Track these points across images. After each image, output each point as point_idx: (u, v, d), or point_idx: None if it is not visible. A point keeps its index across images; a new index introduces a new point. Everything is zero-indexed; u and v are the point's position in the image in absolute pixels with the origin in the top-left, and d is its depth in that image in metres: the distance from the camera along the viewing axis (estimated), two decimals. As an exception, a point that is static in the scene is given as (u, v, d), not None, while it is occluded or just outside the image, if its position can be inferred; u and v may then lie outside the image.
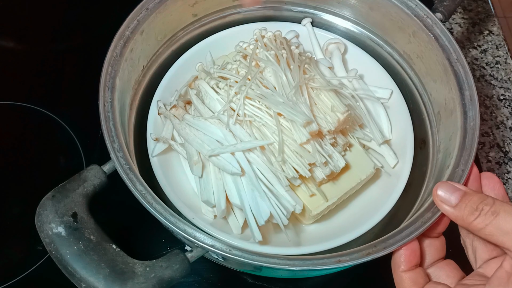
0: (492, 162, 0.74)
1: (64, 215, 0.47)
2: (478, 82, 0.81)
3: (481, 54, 0.84)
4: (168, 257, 0.48)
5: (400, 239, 0.48)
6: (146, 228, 0.66)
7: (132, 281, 0.45)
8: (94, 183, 0.50)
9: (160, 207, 0.48)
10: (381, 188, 0.61)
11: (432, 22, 0.60)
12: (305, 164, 0.55)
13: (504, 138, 0.76)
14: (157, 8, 0.60)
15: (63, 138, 0.72)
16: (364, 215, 0.58)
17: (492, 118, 0.78)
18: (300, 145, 0.55)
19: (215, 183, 0.56)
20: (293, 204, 0.54)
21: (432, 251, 0.51)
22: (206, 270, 0.64)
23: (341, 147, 0.59)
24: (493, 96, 0.80)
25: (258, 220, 0.53)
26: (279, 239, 0.57)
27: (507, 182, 0.73)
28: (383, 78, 0.67)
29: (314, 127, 0.55)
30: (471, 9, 0.89)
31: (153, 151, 0.59)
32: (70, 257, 0.46)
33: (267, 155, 0.55)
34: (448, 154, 0.56)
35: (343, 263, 0.46)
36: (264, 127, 0.56)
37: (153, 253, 0.64)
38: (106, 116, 0.53)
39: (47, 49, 0.82)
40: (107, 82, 0.55)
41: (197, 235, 0.47)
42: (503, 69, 0.83)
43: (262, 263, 0.46)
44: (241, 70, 0.59)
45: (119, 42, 0.57)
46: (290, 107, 0.55)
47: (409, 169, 0.60)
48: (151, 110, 0.63)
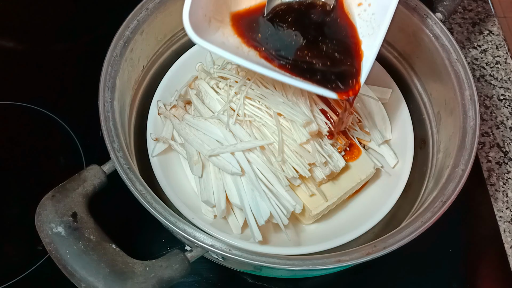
0: (492, 162, 0.74)
1: (64, 215, 0.47)
2: (478, 82, 0.81)
3: (481, 54, 0.84)
4: (168, 257, 0.48)
5: (400, 239, 0.48)
6: (146, 228, 0.66)
7: (132, 281, 0.45)
8: (94, 183, 0.50)
9: (160, 207, 0.48)
10: (381, 188, 0.61)
11: (432, 22, 0.60)
12: (305, 164, 0.55)
13: (504, 138, 0.76)
14: (157, 8, 0.60)
15: (63, 138, 0.72)
16: (364, 215, 0.58)
17: (492, 118, 0.78)
18: (300, 145, 0.55)
19: (215, 183, 0.56)
20: (293, 204, 0.54)
21: None
22: (206, 270, 0.64)
23: (341, 147, 0.59)
24: (493, 96, 0.80)
25: (258, 220, 0.53)
26: (279, 239, 0.57)
27: (507, 182, 0.73)
28: (383, 78, 0.67)
29: (314, 127, 0.55)
30: (471, 9, 0.89)
31: (153, 151, 0.59)
32: (70, 257, 0.46)
33: (267, 155, 0.55)
34: (448, 154, 0.56)
35: (343, 263, 0.46)
36: (264, 127, 0.56)
37: (153, 253, 0.64)
38: (106, 116, 0.53)
39: (47, 49, 0.82)
40: (107, 82, 0.55)
41: (197, 235, 0.47)
42: (503, 69, 0.83)
43: (262, 263, 0.46)
44: (241, 70, 0.59)
45: (119, 42, 0.57)
46: (290, 107, 0.55)
47: (409, 169, 0.61)
48: (151, 110, 0.63)
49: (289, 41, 0.51)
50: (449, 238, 0.68)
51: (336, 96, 0.48)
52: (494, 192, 0.72)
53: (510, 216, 0.70)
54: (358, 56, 0.50)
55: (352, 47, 0.51)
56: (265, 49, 0.50)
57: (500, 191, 0.72)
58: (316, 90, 0.48)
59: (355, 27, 0.52)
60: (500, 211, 0.71)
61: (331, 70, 0.49)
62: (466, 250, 0.68)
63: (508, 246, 0.68)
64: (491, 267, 0.68)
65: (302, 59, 0.50)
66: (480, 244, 0.69)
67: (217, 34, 0.49)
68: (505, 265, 0.67)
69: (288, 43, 0.51)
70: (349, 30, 0.52)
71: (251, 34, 0.51)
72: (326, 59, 0.50)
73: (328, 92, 0.48)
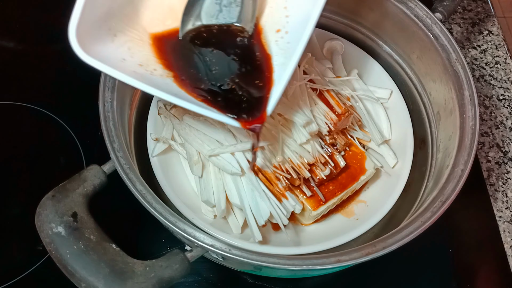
0: (492, 162, 0.74)
1: (64, 215, 0.47)
2: (477, 82, 0.82)
3: (481, 54, 0.84)
4: (168, 257, 0.48)
5: (400, 239, 0.48)
6: (146, 228, 0.66)
7: (132, 281, 0.45)
8: (94, 183, 0.50)
9: (160, 207, 0.48)
10: (381, 188, 0.61)
11: (431, 22, 0.60)
12: (305, 164, 0.55)
13: (504, 138, 0.76)
14: (157, 8, 0.60)
15: (63, 138, 0.72)
16: (364, 215, 0.58)
17: (492, 118, 0.78)
18: (300, 145, 0.55)
19: (215, 183, 0.56)
20: (293, 204, 0.54)
21: None
22: (206, 270, 0.64)
23: (341, 147, 0.59)
24: (492, 96, 0.80)
25: (258, 220, 0.53)
26: (279, 239, 0.57)
27: (506, 182, 0.73)
28: (383, 78, 0.67)
29: (314, 127, 0.55)
30: (471, 9, 0.89)
31: (153, 151, 0.59)
32: (70, 257, 0.46)
33: (267, 155, 0.55)
34: (448, 154, 0.56)
35: (343, 262, 0.46)
36: (264, 127, 0.56)
37: (153, 253, 0.64)
38: (106, 116, 0.53)
39: (47, 49, 0.82)
40: (107, 82, 0.55)
41: (197, 234, 0.47)
42: (503, 69, 0.83)
43: (262, 262, 0.46)
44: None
45: (119, 42, 0.57)
46: (290, 107, 0.55)
47: (408, 169, 0.61)
48: (151, 110, 0.63)
49: (202, 66, 0.50)
50: (449, 238, 0.68)
51: (239, 125, 0.45)
52: (493, 192, 0.72)
53: (510, 216, 0.70)
54: (269, 85, 0.48)
55: (265, 75, 0.49)
56: (179, 73, 0.48)
57: (500, 191, 0.72)
58: (220, 118, 0.45)
59: (270, 56, 0.50)
60: (499, 211, 0.71)
61: (241, 98, 0.48)
62: (466, 250, 0.68)
63: (508, 246, 0.68)
64: (491, 267, 0.68)
65: (213, 84, 0.48)
66: (480, 244, 0.69)
67: (120, 49, 0.47)
68: (505, 265, 0.67)
69: (201, 67, 0.50)
70: (264, 59, 0.50)
71: (167, 56, 0.50)
72: (237, 86, 0.48)
73: (231, 120, 0.45)
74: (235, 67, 0.50)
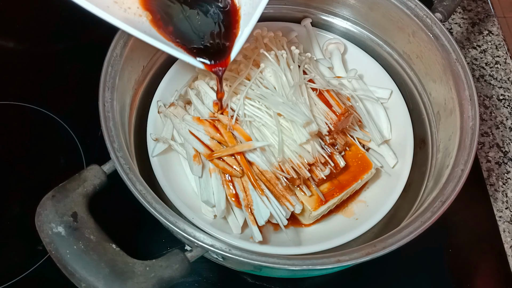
0: (492, 162, 0.74)
1: (64, 215, 0.47)
2: (477, 82, 0.82)
3: (481, 54, 0.84)
4: (168, 257, 0.48)
5: (400, 239, 0.48)
6: (146, 228, 0.66)
7: (132, 281, 0.45)
8: (94, 183, 0.50)
9: (160, 207, 0.48)
10: (381, 188, 0.61)
11: (431, 22, 0.60)
12: (305, 164, 0.55)
13: (504, 138, 0.76)
14: (157, 8, 0.60)
15: (63, 138, 0.72)
16: (364, 215, 0.58)
17: (492, 118, 0.78)
18: (300, 145, 0.55)
19: (215, 183, 0.56)
20: (293, 204, 0.54)
21: None
22: (206, 270, 0.64)
23: (341, 147, 0.59)
24: (492, 96, 0.80)
25: (258, 220, 0.53)
26: (279, 239, 0.57)
27: (506, 182, 0.73)
28: (383, 78, 0.67)
29: (314, 127, 0.55)
30: (471, 9, 0.89)
31: (153, 151, 0.59)
32: (70, 257, 0.46)
33: (267, 155, 0.55)
34: (448, 154, 0.56)
35: (343, 262, 0.46)
36: (264, 127, 0.56)
37: (153, 253, 0.64)
38: (106, 116, 0.53)
39: (47, 49, 0.82)
40: (107, 82, 0.55)
41: (197, 234, 0.47)
42: (503, 69, 0.83)
43: (262, 262, 0.46)
44: (241, 70, 0.59)
45: (119, 42, 0.57)
46: (290, 107, 0.55)
47: (408, 169, 0.61)
48: (151, 110, 0.63)
49: (177, 12, 0.53)
50: (449, 238, 0.68)
51: (203, 66, 0.51)
52: (493, 192, 0.72)
53: (510, 216, 0.70)
54: (236, 34, 0.53)
55: (232, 24, 0.53)
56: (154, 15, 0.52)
57: (500, 191, 0.72)
58: (186, 59, 0.50)
59: (239, 7, 0.54)
60: (499, 211, 0.71)
61: (208, 45, 0.52)
62: (466, 250, 0.68)
63: (508, 246, 0.68)
64: (491, 267, 0.68)
65: (184, 28, 0.53)
66: (480, 244, 0.69)
67: None
68: (505, 265, 0.67)
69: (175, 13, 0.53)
70: (232, 9, 0.54)
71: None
72: (206, 35, 0.53)
73: (196, 62, 0.51)
74: (206, 17, 0.54)
